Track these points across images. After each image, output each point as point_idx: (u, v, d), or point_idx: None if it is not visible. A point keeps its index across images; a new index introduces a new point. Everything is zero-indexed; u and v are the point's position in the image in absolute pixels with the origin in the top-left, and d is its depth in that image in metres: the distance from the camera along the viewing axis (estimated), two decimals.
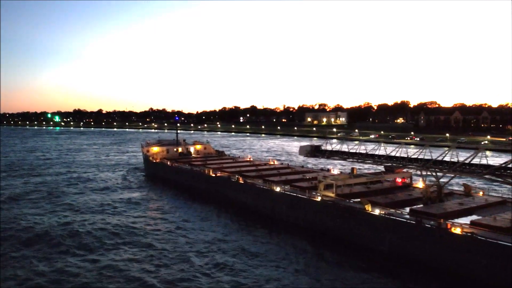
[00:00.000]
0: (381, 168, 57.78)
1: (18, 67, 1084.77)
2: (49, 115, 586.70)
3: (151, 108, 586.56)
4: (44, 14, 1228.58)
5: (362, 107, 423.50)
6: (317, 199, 46.09)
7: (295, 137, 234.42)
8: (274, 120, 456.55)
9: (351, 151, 56.72)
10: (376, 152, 53.03)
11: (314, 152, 59.43)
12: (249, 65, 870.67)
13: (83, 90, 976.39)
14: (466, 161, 41.34)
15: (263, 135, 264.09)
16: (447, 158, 44.16)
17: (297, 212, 48.38)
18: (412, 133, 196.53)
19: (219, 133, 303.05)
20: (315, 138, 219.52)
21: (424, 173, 44.34)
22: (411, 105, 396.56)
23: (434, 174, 44.10)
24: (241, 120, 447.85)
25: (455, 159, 43.87)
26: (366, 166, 77.07)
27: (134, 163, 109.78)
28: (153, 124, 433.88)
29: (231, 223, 49.62)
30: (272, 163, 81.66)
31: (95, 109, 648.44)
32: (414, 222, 35.80)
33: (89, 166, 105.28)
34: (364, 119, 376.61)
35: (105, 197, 64.89)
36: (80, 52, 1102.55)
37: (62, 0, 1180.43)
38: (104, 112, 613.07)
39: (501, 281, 30.00)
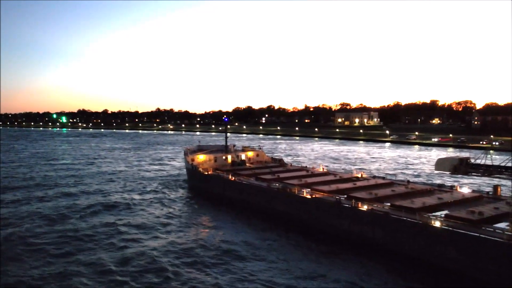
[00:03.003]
0: None
1: (18, 67, 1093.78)
2: (54, 116, 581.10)
3: (158, 108, 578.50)
4: (46, 14, 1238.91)
5: (391, 106, 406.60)
6: None
7: (337, 140, 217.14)
8: (297, 120, 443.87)
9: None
10: None
11: (466, 167, 44.71)
12: (259, 64, 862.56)
13: (84, 90, 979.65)
14: None
15: (297, 138, 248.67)
16: None
17: (485, 261, 33.73)
18: (492, 136, 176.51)
19: (244, 135, 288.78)
20: (361, 142, 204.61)
21: None
22: (439, 104, 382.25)
23: None
24: (263, 121, 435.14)
25: None
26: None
27: (172, 174, 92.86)
28: (168, 125, 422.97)
29: None
30: (360, 175, 67.56)
31: (98, 109, 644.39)
32: None
33: (121, 180, 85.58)
34: (395, 119, 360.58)
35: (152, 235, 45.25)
36: (81, 52, 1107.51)
37: (64, 0, 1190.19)
38: (109, 112, 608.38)
39: None
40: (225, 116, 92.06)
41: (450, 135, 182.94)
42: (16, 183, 79.03)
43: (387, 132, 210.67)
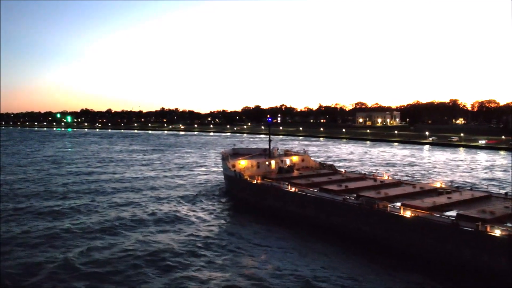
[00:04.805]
0: None
1: (18, 66, 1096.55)
2: (58, 115, 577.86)
3: (163, 108, 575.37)
4: (46, 14, 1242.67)
5: (411, 105, 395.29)
6: None
7: (368, 142, 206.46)
8: (312, 120, 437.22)
9: None
10: None
11: None
12: (265, 63, 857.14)
13: (85, 90, 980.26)
14: None
15: (321, 139, 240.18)
16: None
17: None
18: None
19: (262, 136, 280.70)
20: (396, 143, 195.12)
21: None
22: (459, 103, 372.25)
23: None
24: (279, 121, 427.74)
25: None
26: None
27: (206, 182, 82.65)
28: (180, 125, 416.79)
29: None
30: (439, 185, 59.22)
31: (100, 109, 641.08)
32: None
33: (153, 193, 74.04)
34: (417, 119, 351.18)
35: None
36: (81, 52, 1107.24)
37: (64, 0, 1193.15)
38: (113, 112, 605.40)
39: None
40: (268, 116, 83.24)
41: (503, 136, 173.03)
42: (34, 202, 66.56)
43: (427, 133, 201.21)
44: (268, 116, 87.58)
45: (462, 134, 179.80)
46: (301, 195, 54.43)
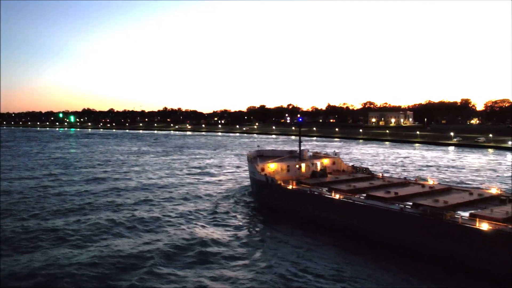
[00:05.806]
0: None
1: (18, 66, 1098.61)
2: (60, 115, 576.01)
3: (166, 108, 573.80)
4: (47, 13, 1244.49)
5: (423, 105, 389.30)
6: None
7: (387, 143, 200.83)
8: (321, 120, 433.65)
9: None
10: None
11: None
12: (268, 62, 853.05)
13: (86, 89, 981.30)
14: None
15: (336, 139, 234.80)
16: None
17: None
18: None
19: (273, 136, 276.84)
20: (417, 144, 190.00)
21: None
22: (471, 103, 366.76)
23: None
24: (288, 121, 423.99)
25: None
26: None
27: (232, 188, 77.82)
28: (187, 125, 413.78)
29: None
30: (496, 191, 54.90)
31: (101, 109, 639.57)
32: None
33: (177, 201, 68.66)
34: (431, 119, 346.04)
35: None
36: (81, 51, 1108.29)
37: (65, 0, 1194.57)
38: (115, 111, 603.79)
39: None
40: (299, 115, 78.04)
41: None
42: (47, 218, 60.76)
43: (451, 133, 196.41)
44: (299, 115, 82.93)
45: (490, 135, 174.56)
46: (348, 203, 50.20)
